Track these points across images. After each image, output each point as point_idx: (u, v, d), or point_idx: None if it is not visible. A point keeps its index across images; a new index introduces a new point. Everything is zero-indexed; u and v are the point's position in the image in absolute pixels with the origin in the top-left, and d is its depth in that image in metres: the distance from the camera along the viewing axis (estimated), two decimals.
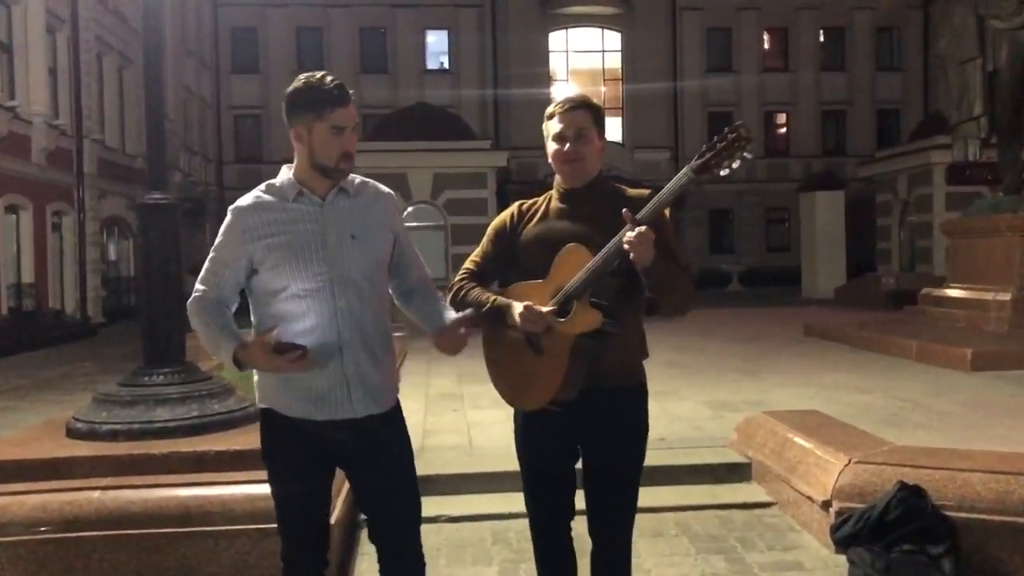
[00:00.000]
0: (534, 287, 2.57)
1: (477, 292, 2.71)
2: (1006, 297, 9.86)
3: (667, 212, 2.55)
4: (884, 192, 25.35)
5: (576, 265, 2.47)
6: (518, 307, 2.53)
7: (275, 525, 2.63)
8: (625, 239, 2.36)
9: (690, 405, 7.09)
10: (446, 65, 34.14)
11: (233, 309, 2.56)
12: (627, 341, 2.60)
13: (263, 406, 2.58)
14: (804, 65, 33.80)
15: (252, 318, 2.57)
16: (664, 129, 32.89)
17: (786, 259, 30.38)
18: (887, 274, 22.40)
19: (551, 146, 2.64)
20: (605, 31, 33.42)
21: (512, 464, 2.90)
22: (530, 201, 2.76)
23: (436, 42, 34.20)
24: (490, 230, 2.81)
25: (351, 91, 2.45)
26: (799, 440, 5.00)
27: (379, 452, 2.57)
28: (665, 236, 2.47)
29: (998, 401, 7.12)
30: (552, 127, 2.63)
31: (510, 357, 2.64)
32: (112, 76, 23.55)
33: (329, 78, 2.41)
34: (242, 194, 2.58)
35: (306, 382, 2.45)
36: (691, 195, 31.05)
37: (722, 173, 2.42)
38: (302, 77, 2.45)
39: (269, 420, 2.57)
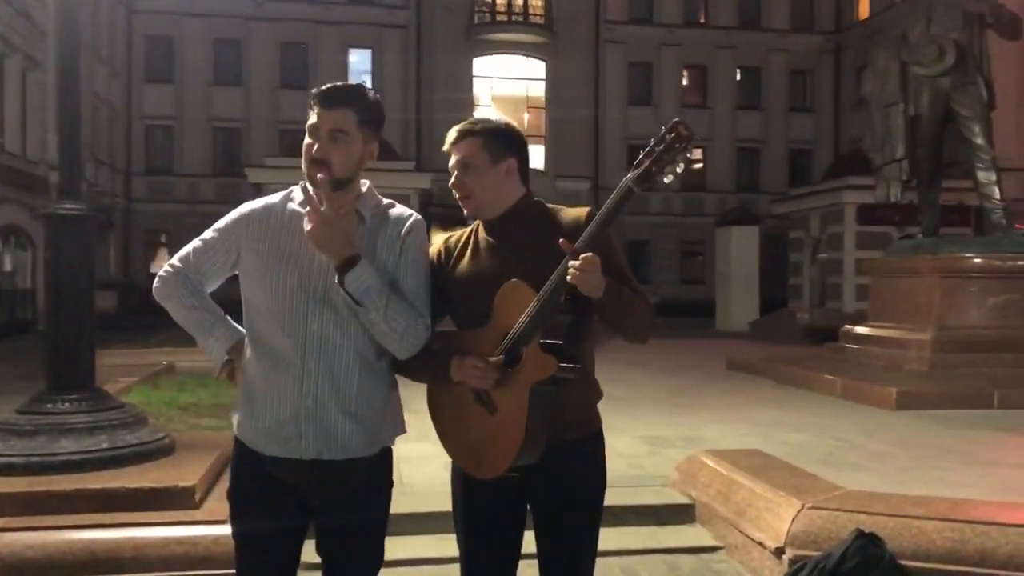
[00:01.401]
0: (479, 335, 2.24)
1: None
2: (926, 337, 10.05)
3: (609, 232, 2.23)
4: (797, 229, 26.01)
5: (520, 304, 2.14)
6: (458, 361, 2.20)
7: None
8: (568, 270, 2.06)
9: (626, 440, 6.91)
10: (369, 84, 33.79)
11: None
12: (585, 384, 2.29)
13: (235, 432, 2.33)
14: (721, 103, 34.66)
15: None
16: (585, 159, 33.16)
17: (701, 292, 30.86)
18: (800, 309, 22.91)
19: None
20: (530, 59, 33.66)
21: (450, 504, 2.55)
22: (457, 234, 2.45)
23: (359, 61, 33.98)
24: None
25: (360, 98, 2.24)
26: (747, 482, 4.85)
27: (337, 505, 2.23)
28: (613, 259, 2.22)
29: (927, 442, 7.14)
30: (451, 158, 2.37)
31: (461, 419, 2.28)
32: (15, 78, 22.43)
33: (345, 83, 2.26)
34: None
35: (262, 409, 2.21)
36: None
37: (666, 180, 2.14)
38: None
39: (235, 449, 2.33)
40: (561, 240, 2.12)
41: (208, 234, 2.32)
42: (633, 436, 7.09)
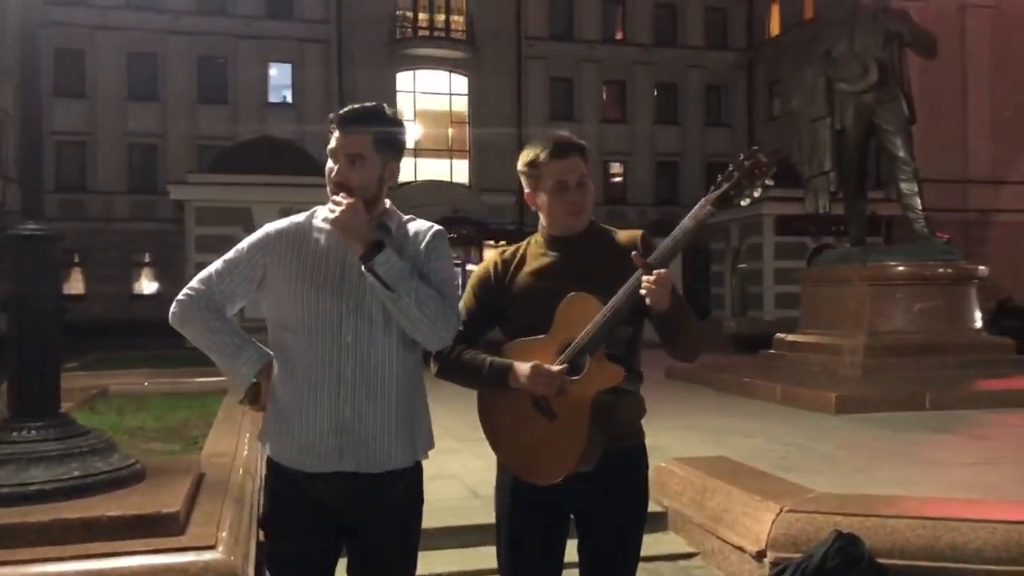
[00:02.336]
0: (535, 344, 2.30)
1: (470, 355, 2.37)
2: (858, 343, 10.41)
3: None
4: (717, 240, 26.66)
5: (583, 316, 2.22)
6: (524, 367, 2.23)
7: None
8: (643, 284, 2.15)
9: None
10: (289, 99, 33.38)
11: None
12: (635, 395, 2.39)
13: (268, 454, 2.32)
14: (640, 118, 35.29)
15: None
16: (510, 173, 32.65)
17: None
18: (725, 318, 23.46)
19: (546, 198, 2.39)
20: (452, 75, 33.67)
21: (470, 518, 2.57)
22: (510, 249, 2.51)
23: (279, 75, 33.43)
24: (472, 284, 2.52)
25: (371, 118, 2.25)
26: (722, 488, 4.94)
27: (373, 523, 2.23)
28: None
29: (872, 444, 7.39)
30: (549, 172, 2.37)
31: (517, 425, 2.33)
32: None
33: (363, 105, 2.27)
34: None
35: (299, 426, 2.20)
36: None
37: (743, 203, 2.26)
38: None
39: (270, 471, 2.31)
40: (634, 254, 2.21)
41: (230, 255, 2.32)
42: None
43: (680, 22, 36.00)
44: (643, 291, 2.15)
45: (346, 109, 2.23)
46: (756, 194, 2.22)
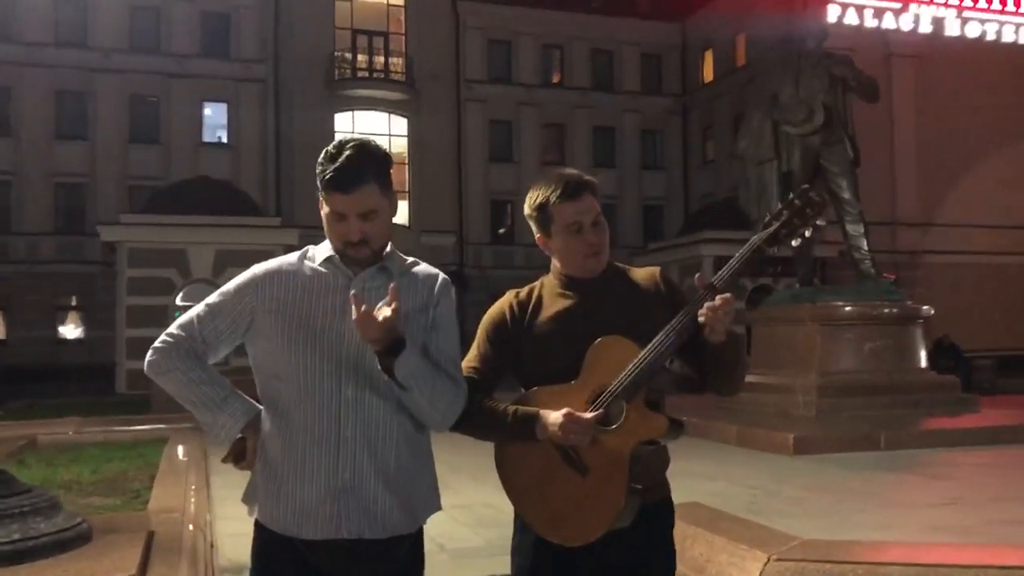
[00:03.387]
0: (562, 392, 2.14)
1: (489, 404, 2.21)
2: (811, 383, 10.43)
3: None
4: None
5: (617, 361, 2.08)
6: (555, 416, 2.07)
7: None
8: (705, 309, 2.03)
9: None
10: (224, 139, 32.89)
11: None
12: (665, 445, 2.24)
13: (254, 517, 2.14)
14: (578, 161, 35.62)
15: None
16: (449, 214, 33.27)
17: None
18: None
19: (564, 239, 2.26)
20: (392, 116, 33.66)
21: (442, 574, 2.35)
22: (524, 291, 2.37)
23: (214, 115, 32.99)
24: (485, 328, 2.34)
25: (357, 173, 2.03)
26: (703, 537, 4.77)
27: None
28: None
29: (837, 485, 7.33)
30: (562, 213, 2.25)
31: (543, 481, 2.15)
32: None
33: (346, 154, 2.02)
34: None
35: (293, 488, 2.03)
36: (474, 278, 31.44)
37: (793, 243, 2.18)
38: (332, 144, 2.08)
39: (259, 536, 2.13)
40: (698, 276, 2.12)
41: (214, 299, 2.15)
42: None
43: (617, 67, 36.79)
44: (702, 318, 2.04)
45: (338, 168, 2.01)
46: (807, 233, 2.13)
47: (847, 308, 11.04)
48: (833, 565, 4.17)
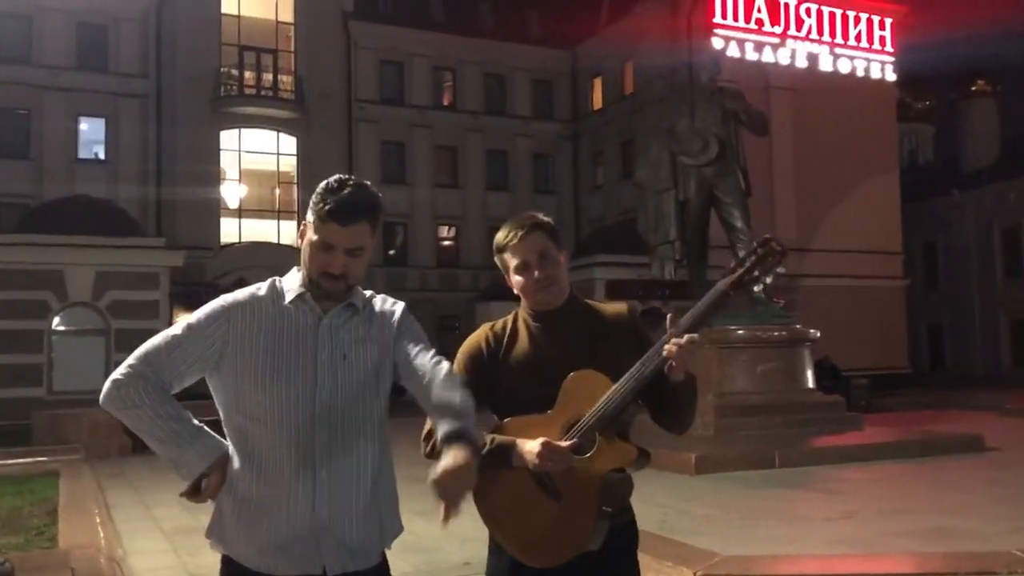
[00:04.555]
0: (537, 421, 2.27)
1: None
2: (708, 404, 10.89)
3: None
4: None
5: (591, 393, 2.23)
6: (532, 445, 2.20)
7: None
8: (669, 348, 2.17)
9: (468, 522, 6.86)
10: (101, 155, 31.55)
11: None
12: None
13: (221, 551, 2.12)
14: (472, 183, 36.01)
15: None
16: None
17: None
18: None
19: (516, 279, 2.41)
20: (280, 134, 33.15)
21: None
22: (499, 323, 2.50)
23: (91, 130, 31.56)
24: (462, 359, 2.46)
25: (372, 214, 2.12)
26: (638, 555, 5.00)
27: None
28: None
29: (741, 503, 7.71)
30: (510, 259, 2.40)
31: (517, 506, 2.28)
32: None
33: (349, 189, 2.10)
34: None
35: (270, 528, 2.04)
36: None
37: (755, 289, 2.43)
38: (334, 177, 2.17)
39: (228, 572, 2.12)
40: (670, 316, 2.25)
41: (177, 330, 2.11)
42: (472, 516, 7.07)
43: (509, 92, 37.28)
44: (666, 352, 2.18)
45: (343, 199, 2.08)
46: (768, 280, 2.35)
47: (740, 332, 11.58)
48: None
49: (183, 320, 2.14)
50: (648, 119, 28.65)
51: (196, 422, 2.09)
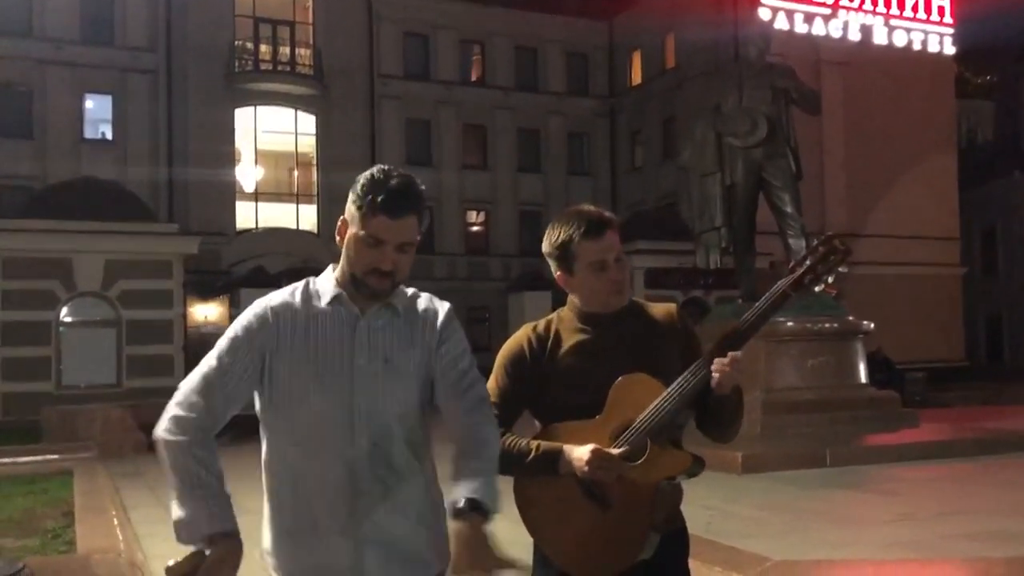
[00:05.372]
0: (585, 427, 2.33)
1: (510, 440, 2.36)
2: (756, 400, 11.01)
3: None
4: None
5: (641, 398, 2.28)
6: (581, 452, 2.25)
7: None
8: (718, 364, 2.27)
9: (510, 526, 7.06)
10: (109, 135, 31.84)
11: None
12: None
13: (271, 565, 2.16)
14: (501, 165, 36.01)
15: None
16: None
17: (486, 359, 31.30)
18: None
19: (586, 278, 2.43)
20: (299, 112, 33.31)
21: None
22: (542, 324, 2.53)
23: (97, 108, 31.80)
24: (503, 363, 2.50)
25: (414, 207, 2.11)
26: None
27: None
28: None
29: (791, 504, 7.85)
30: (586, 250, 2.41)
31: (565, 516, 2.34)
32: None
33: (395, 180, 2.08)
34: None
35: (312, 545, 2.07)
36: None
37: (816, 289, 2.44)
38: (376, 168, 2.16)
39: None
40: (723, 335, 2.33)
41: (215, 357, 2.10)
42: (510, 519, 7.26)
43: (541, 66, 37.16)
44: (715, 373, 2.26)
45: (393, 190, 2.07)
46: (831, 279, 2.39)
47: (789, 324, 11.66)
48: None
49: (224, 342, 2.13)
50: (692, 96, 28.62)
51: (227, 488, 2.05)
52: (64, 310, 22.66)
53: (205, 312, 28.53)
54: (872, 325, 12.31)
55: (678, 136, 28.80)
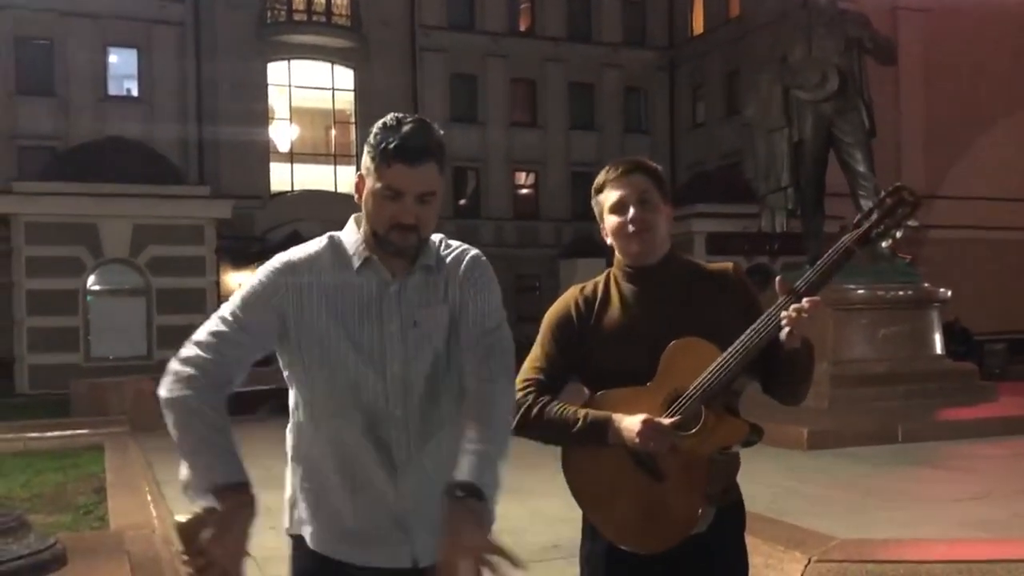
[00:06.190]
0: (635, 394, 2.34)
1: (557, 408, 2.38)
2: (823, 372, 11.03)
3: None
4: None
5: (695, 363, 2.28)
6: (631, 421, 2.27)
7: None
8: (789, 314, 2.21)
9: (557, 503, 7.19)
10: (134, 92, 32.27)
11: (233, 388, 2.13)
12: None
13: (293, 532, 2.21)
14: (553, 122, 35.91)
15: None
16: None
17: (535, 331, 31.56)
18: None
19: (610, 220, 2.46)
20: (336, 66, 33.48)
21: None
22: (589, 285, 2.55)
23: (121, 63, 32.25)
24: (549, 327, 2.51)
25: (430, 146, 2.09)
26: (747, 538, 5.26)
27: None
28: None
29: (858, 482, 7.92)
30: (608, 197, 2.46)
31: (616, 487, 2.37)
32: None
33: (410, 125, 2.08)
34: None
35: (349, 517, 2.12)
36: None
37: (883, 245, 2.53)
38: (390, 115, 2.15)
39: (298, 553, 2.20)
40: (779, 279, 2.31)
41: (230, 308, 2.13)
42: (559, 499, 7.39)
43: (595, 15, 36.90)
44: (785, 322, 2.22)
45: (407, 135, 2.06)
46: (899, 234, 2.47)
47: (860, 291, 11.64)
48: (875, 565, 4.69)
49: (236, 297, 2.15)
50: (757, 47, 28.20)
51: (235, 443, 2.05)
52: (91, 278, 23.08)
53: (239, 280, 28.70)
54: (949, 293, 12.24)
55: (742, 90, 28.47)
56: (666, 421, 2.25)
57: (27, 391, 21.67)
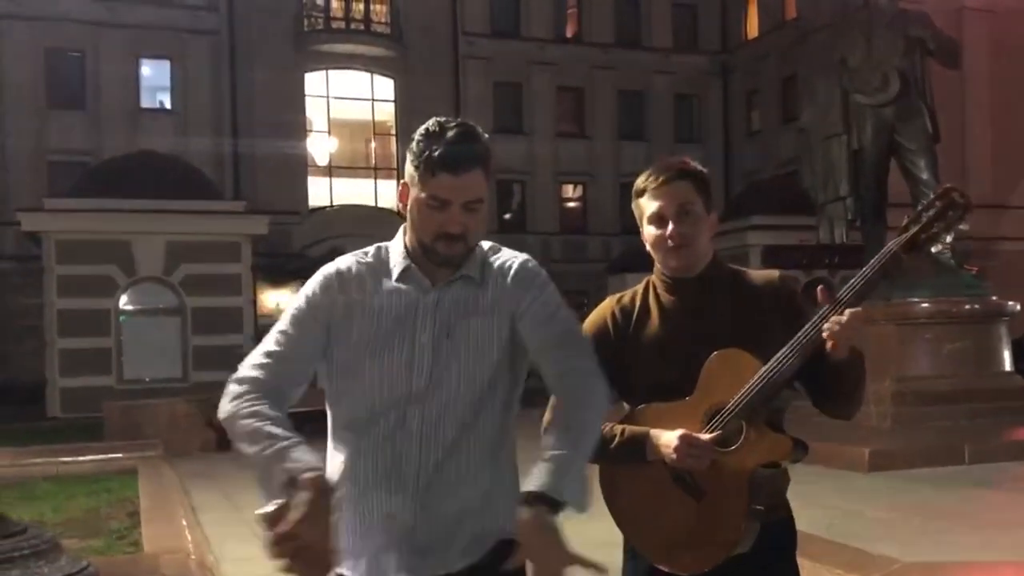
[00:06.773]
0: (674, 409, 2.37)
1: None
2: (885, 390, 11.04)
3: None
4: None
5: (737, 376, 2.29)
6: (669, 437, 2.30)
7: None
8: (831, 323, 2.22)
9: (600, 523, 7.32)
10: (167, 104, 32.79)
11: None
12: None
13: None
14: (601, 132, 36.02)
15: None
16: None
17: None
18: None
19: (648, 230, 2.46)
20: (375, 76, 33.82)
21: None
22: (627, 295, 2.57)
23: (154, 75, 32.78)
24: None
25: (474, 153, 2.12)
26: (803, 561, 5.35)
27: None
28: None
29: (921, 505, 7.92)
30: (647, 206, 2.46)
31: (655, 506, 2.39)
32: None
33: (454, 131, 2.10)
34: None
35: (368, 545, 2.15)
36: None
37: (933, 249, 2.56)
38: (432, 120, 2.16)
39: None
40: (820, 287, 2.29)
41: (285, 329, 2.19)
42: (605, 520, 7.52)
43: (645, 20, 37.02)
44: (826, 333, 2.22)
45: (452, 142, 2.09)
46: (949, 238, 2.55)
47: (924, 305, 11.63)
48: None
49: (287, 316, 2.21)
50: (815, 51, 28.13)
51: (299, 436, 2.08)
52: (124, 297, 23.29)
53: (276, 298, 28.81)
54: (1019, 307, 12.18)
55: (799, 96, 28.38)
56: (705, 437, 2.28)
57: (59, 414, 21.85)
